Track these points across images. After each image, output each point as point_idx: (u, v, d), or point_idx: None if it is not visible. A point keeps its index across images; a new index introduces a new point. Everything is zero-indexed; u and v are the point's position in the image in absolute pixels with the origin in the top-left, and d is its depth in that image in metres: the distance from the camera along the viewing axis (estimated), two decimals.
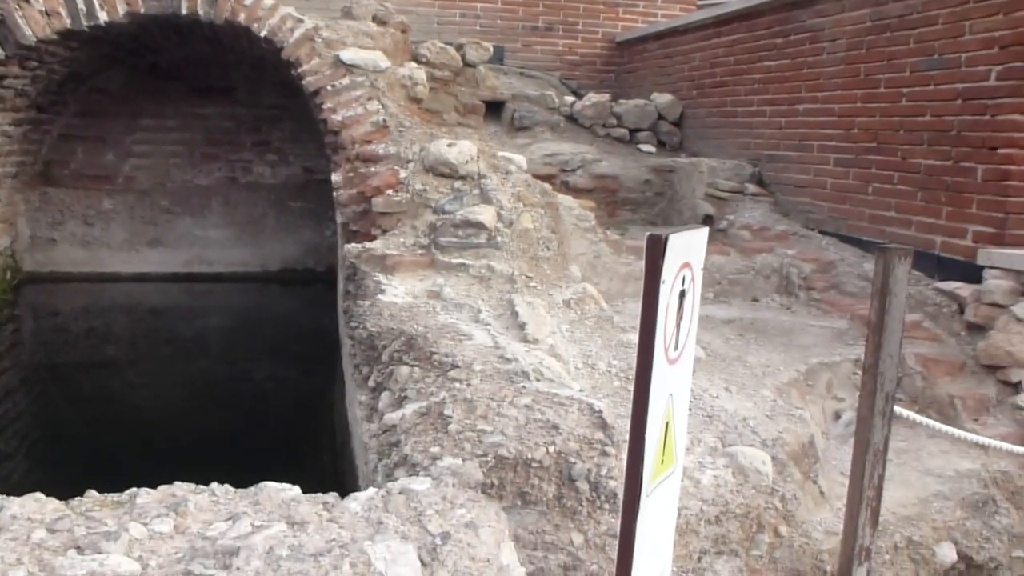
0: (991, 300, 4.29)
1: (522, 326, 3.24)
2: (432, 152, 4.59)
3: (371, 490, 1.85)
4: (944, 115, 4.78)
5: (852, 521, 2.72)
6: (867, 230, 5.46)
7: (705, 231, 1.81)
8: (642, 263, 1.62)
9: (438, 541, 1.66)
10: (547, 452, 2.25)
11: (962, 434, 3.07)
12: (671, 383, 1.74)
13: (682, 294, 1.72)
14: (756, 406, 3.52)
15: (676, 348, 1.73)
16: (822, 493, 3.26)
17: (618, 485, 2.24)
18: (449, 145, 4.58)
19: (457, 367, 2.76)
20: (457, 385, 2.57)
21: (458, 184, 4.50)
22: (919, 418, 2.90)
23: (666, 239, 1.53)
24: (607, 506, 2.25)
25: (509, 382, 2.58)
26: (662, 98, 7.74)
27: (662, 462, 1.79)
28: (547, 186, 4.94)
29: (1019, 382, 4.08)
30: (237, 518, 1.68)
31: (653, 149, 7.50)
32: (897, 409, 2.70)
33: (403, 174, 4.63)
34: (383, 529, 1.67)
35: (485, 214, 4.18)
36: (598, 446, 2.29)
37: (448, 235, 4.19)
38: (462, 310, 3.55)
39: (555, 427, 2.31)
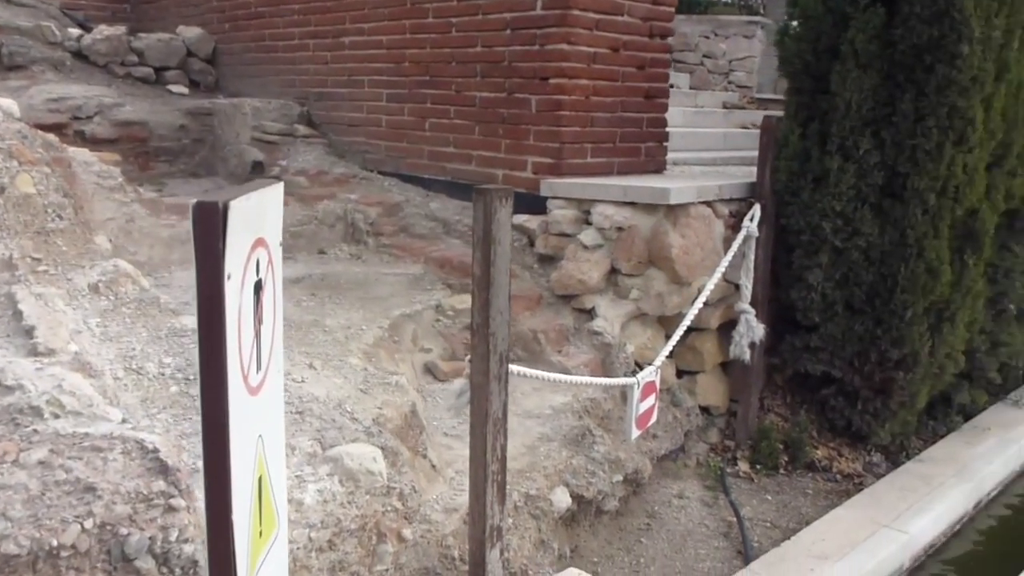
0: (558, 230, 4.28)
1: (30, 331, 2.37)
2: None
3: None
4: (495, 46, 4.63)
5: (479, 501, 2.40)
6: (428, 168, 5.23)
7: (279, 188, 1.24)
8: (188, 223, 1.00)
9: None
10: (83, 529, 1.54)
11: (567, 378, 2.91)
12: (258, 420, 1.17)
13: (258, 286, 1.14)
14: (348, 381, 3.05)
15: (259, 369, 1.15)
16: (434, 467, 2.92)
17: (199, 548, 1.61)
18: None
19: None
20: None
21: None
22: (537, 372, 2.67)
23: (226, 207, 0.93)
24: None
25: (12, 427, 1.78)
26: (190, 32, 6.78)
27: (260, 535, 1.22)
28: (53, 138, 3.89)
29: (592, 308, 4.13)
30: None
31: (186, 90, 6.55)
32: (514, 368, 2.41)
33: None
34: None
35: None
36: (160, 500, 1.63)
37: None
38: None
39: (91, 488, 1.60)
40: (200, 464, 1.94)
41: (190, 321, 3.02)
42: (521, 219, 4.48)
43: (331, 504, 2.11)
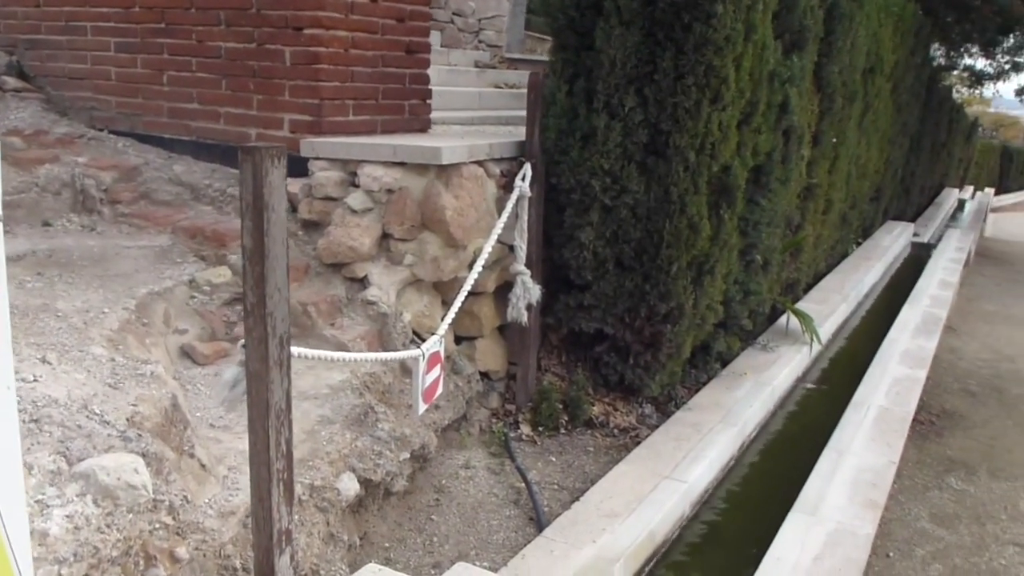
0: (323, 194, 3.98)
1: None
2: None
3: None
4: None
5: (263, 505, 2.12)
6: (169, 126, 4.70)
7: None
8: None
9: None
10: None
11: (351, 356, 2.67)
12: None
13: None
14: (92, 375, 2.62)
15: None
16: (203, 466, 2.58)
17: None
18: None
19: None
20: None
21: None
22: (321, 353, 2.41)
23: None
24: None
25: None
26: None
27: None
28: None
29: (365, 276, 3.90)
30: None
31: None
32: (296, 350, 2.14)
33: None
34: None
35: None
36: None
37: None
38: None
39: None
40: None
41: None
42: None
43: (85, 531, 1.75)
